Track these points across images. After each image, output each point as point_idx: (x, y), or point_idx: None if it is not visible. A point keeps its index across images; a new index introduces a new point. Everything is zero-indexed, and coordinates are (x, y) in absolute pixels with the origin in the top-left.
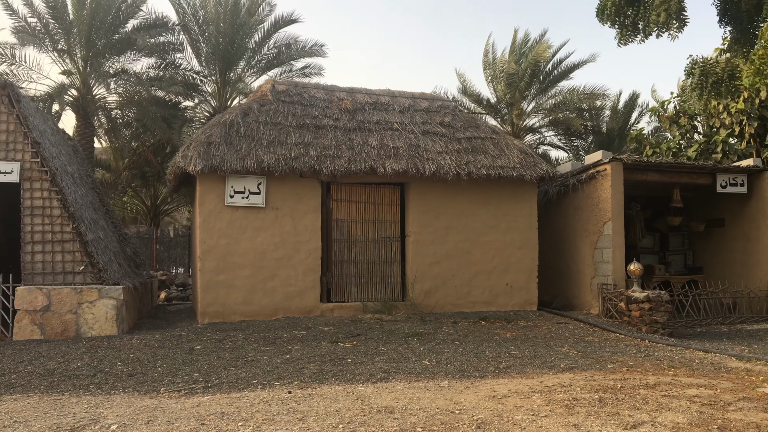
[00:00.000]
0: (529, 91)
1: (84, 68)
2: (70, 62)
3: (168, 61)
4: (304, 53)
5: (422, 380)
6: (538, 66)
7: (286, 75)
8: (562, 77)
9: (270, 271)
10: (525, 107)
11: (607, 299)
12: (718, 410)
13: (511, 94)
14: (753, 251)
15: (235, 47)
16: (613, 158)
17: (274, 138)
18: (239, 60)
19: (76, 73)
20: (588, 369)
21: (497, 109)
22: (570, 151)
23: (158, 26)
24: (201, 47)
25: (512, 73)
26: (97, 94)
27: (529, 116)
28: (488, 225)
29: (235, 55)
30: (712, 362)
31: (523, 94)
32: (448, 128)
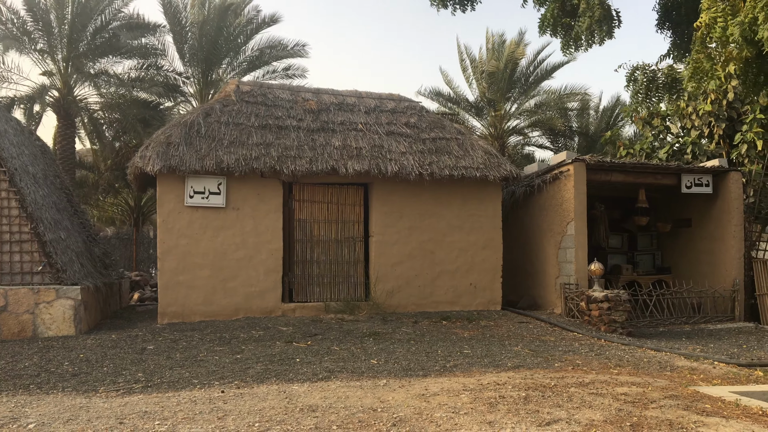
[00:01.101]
0: (511, 93)
1: (65, 69)
2: (51, 63)
3: (150, 62)
4: (287, 54)
5: (362, 379)
6: (517, 66)
7: (269, 76)
8: (543, 78)
9: (231, 272)
10: (508, 108)
11: (569, 299)
12: (638, 408)
13: (492, 95)
14: (718, 251)
15: (217, 48)
16: (575, 159)
17: (235, 138)
18: (221, 61)
19: (57, 74)
20: (533, 367)
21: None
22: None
23: (140, 27)
24: (184, 48)
25: (492, 73)
26: (78, 95)
27: (512, 117)
28: (452, 225)
29: (217, 56)
30: (660, 361)
31: (505, 95)
32: (414, 129)
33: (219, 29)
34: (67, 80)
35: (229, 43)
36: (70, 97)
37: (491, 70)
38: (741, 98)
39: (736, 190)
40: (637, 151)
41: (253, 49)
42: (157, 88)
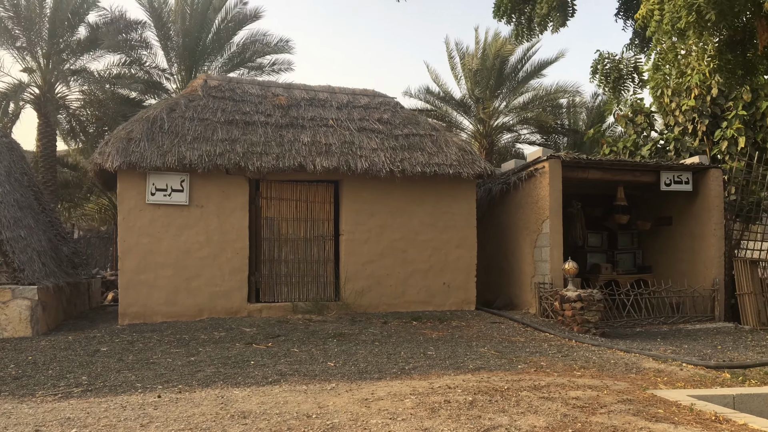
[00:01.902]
0: (500, 90)
1: (46, 66)
2: (31, 60)
3: (133, 59)
4: (271, 50)
5: (312, 383)
6: (506, 63)
7: (254, 72)
8: (533, 75)
9: (194, 271)
10: (497, 105)
11: (544, 298)
12: (585, 413)
13: (481, 92)
14: (699, 250)
15: (200, 44)
16: (550, 156)
17: (199, 134)
18: (205, 57)
19: (37, 71)
20: (495, 370)
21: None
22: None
23: (123, 23)
24: (167, 44)
25: (480, 70)
26: (59, 92)
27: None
28: (425, 223)
29: (201, 52)
30: (627, 363)
31: (494, 93)
32: (386, 125)
33: (201, 25)
34: (48, 77)
35: (213, 39)
36: (50, 95)
37: (479, 68)
38: (725, 94)
39: (716, 187)
40: (620, 149)
41: (237, 45)
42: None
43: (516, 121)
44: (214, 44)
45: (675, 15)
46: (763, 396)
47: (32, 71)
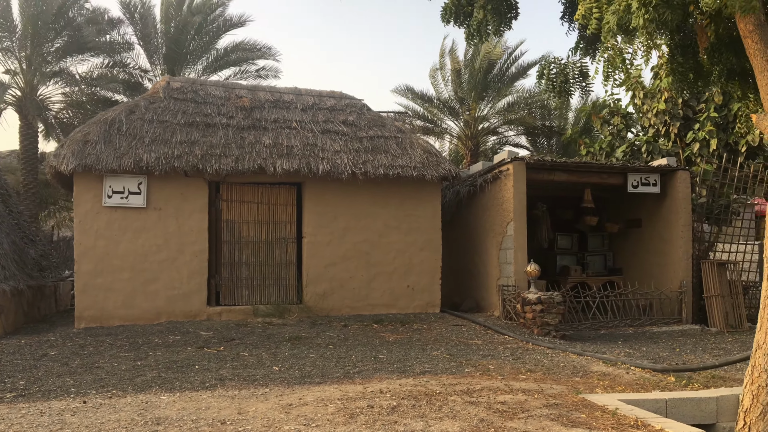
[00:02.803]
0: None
1: (28, 68)
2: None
3: (115, 60)
4: (255, 55)
5: (246, 388)
6: (494, 65)
7: (239, 76)
8: (518, 76)
9: (152, 274)
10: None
11: (507, 301)
12: (504, 418)
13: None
14: (667, 252)
15: (183, 47)
16: (514, 158)
17: (157, 136)
18: (187, 60)
19: (20, 73)
20: (439, 373)
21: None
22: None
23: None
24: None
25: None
26: (41, 94)
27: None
28: (389, 226)
29: (183, 55)
30: (576, 366)
31: (480, 94)
32: (351, 127)
33: (184, 28)
34: (30, 79)
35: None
36: (33, 96)
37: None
38: (697, 96)
39: (683, 189)
40: (597, 150)
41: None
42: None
43: (501, 123)
44: (197, 48)
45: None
46: (696, 400)
47: (15, 74)
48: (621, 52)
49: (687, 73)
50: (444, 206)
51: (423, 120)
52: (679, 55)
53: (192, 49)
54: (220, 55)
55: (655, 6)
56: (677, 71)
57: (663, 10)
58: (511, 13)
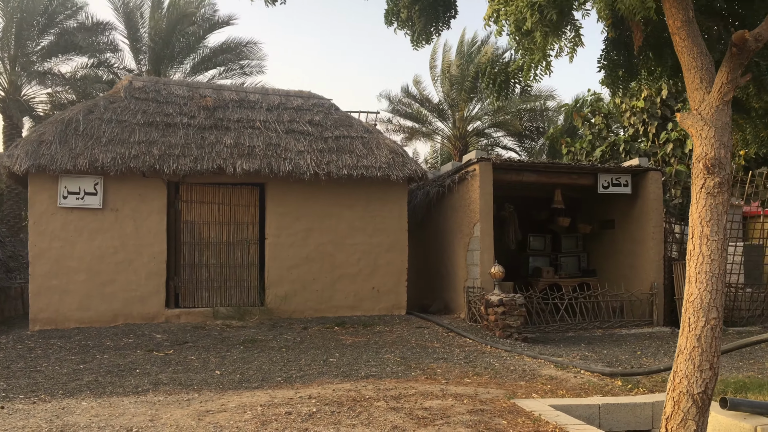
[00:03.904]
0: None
1: (12, 68)
2: None
3: (101, 60)
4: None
5: (176, 393)
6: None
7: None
8: None
9: (109, 276)
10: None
11: (473, 303)
12: (418, 425)
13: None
14: (639, 253)
15: (170, 47)
16: (480, 158)
17: (115, 136)
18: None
19: (4, 73)
20: (383, 378)
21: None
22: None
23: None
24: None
25: (456, 75)
26: (25, 94)
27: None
28: (354, 227)
29: (170, 55)
30: (526, 369)
31: (469, 96)
32: (317, 127)
33: (171, 28)
34: (14, 79)
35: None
36: (17, 97)
37: (455, 73)
38: (675, 96)
39: (655, 190)
40: (577, 150)
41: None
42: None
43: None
44: (183, 48)
45: (519, 16)
46: (630, 406)
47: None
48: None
49: (617, 69)
50: (415, 207)
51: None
52: (613, 52)
53: (179, 48)
54: (207, 56)
55: (540, 7)
56: (608, 67)
57: (548, 11)
58: (449, 12)
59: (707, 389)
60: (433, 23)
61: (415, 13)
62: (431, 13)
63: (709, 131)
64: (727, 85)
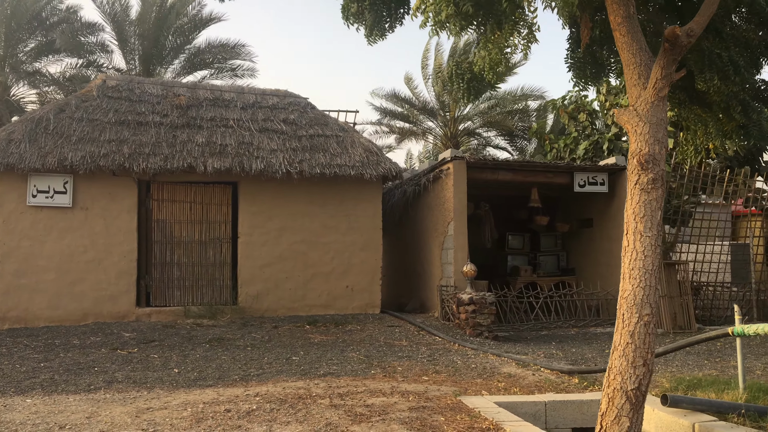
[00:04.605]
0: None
1: (1, 69)
2: None
3: (90, 61)
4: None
5: (127, 391)
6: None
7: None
8: None
9: (78, 275)
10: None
11: (445, 301)
12: (354, 422)
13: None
14: (615, 252)
15: (158, 47)
16: (454, 156)
17: (85, 135)
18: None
19: None
20: (340, 376)
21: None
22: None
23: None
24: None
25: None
26: (14, 94)
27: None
28: (327, 226)
29: (158, 55)
30: (486, 367)
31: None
32: (292, 125)
33: (159, 28)
34: (3, 80)
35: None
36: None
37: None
38: None
39: None
40: (561, 147)
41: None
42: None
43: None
44: (172, 47)
45: (437, 7)
46: (577, 403)
47: None
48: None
49: (585, 66)
50: (393, 206)
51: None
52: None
53: (168, 48)
54: (196, 55)
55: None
56: (575, 66)
57: (464, 4)
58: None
59: (641, 386)
60: (387, 18)
61: (365, 7)
62: (381, 8)
63: (644, 127)
64: (661, 80)
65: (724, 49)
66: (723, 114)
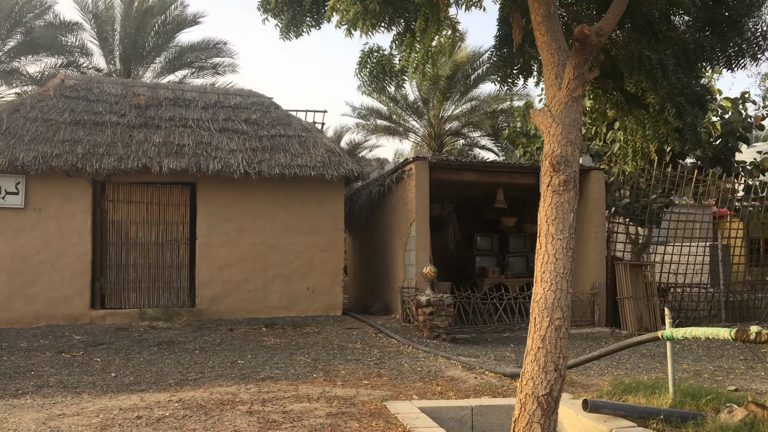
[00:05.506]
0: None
1: None
2: None
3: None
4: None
5: (53, 396)
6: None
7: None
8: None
9: (31, 277)
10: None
11: (406, 303)
12: (261, 430)
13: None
14: (581, 253)
15: (139, 47)
16: (416, 157)
17: (39, 134)
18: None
19: None
20: (279, 380)
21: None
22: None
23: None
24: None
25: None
26: None
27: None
28: (288, 227)
29: (139, 54)
30: (432, 370)
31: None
32: (253, 125)
33: (139, 27)
34: None
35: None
36: None
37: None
38: None
39: (597, 189)
40: (534, 150)
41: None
42: None
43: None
44: (152, 47)
45: (346, 6)
46: (504, 408)
47: None
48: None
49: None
50: (360, 207)
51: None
52: (504, 49)
53: (148, 48)
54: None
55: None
56: (500, 64)
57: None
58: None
59: (552, 391)
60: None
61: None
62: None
63: (557, 128)
64: (574, 81)
65: (655, 52)
66: (658, 117)
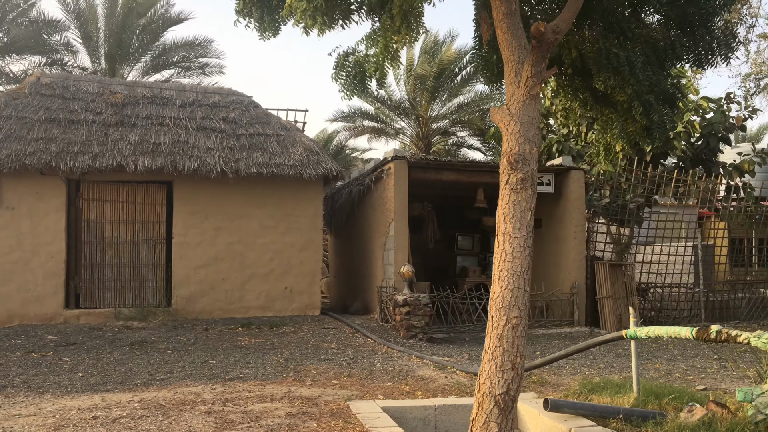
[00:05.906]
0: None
1: None
2: None
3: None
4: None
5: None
6: (447, 67)
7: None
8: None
9: (4, 276)
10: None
11: (384, 303)
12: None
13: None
14: (561, 253)
15: (124, 47)
16: (395, 156)
17: (12, 133)
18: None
19: None
20: (248, 380)
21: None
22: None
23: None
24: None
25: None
26: None
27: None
28: (266, 226)
29: (124, 53)
30: (404, 370)
31: (432, 95)
32: (231, 124)
33: (123, 27)
34: None
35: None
36: None
37: (419, 71)
38: None
39: (577, 189)
40: None
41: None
42: None
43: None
44: (138, 46)
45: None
46: (468, 407)
47: None
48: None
49: (490, 67)
50: (340, 206)
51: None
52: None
53: (134, 47)
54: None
55: None
56: (481, 65)
57: None
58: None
59: (509, 390)
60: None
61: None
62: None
63: (515, 126)
64: (532, 78)
65: (624, 49)
66: (626, 115)
